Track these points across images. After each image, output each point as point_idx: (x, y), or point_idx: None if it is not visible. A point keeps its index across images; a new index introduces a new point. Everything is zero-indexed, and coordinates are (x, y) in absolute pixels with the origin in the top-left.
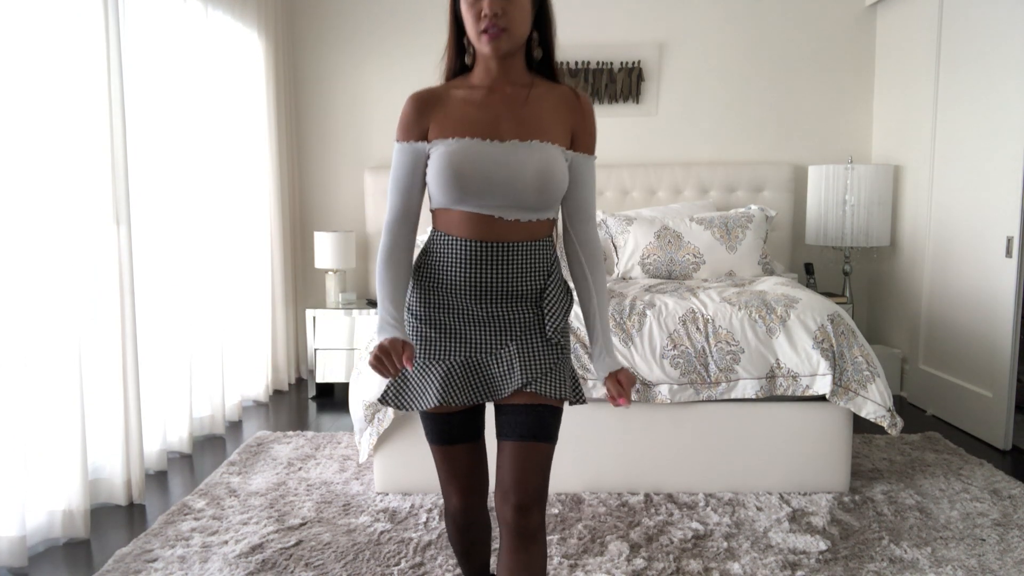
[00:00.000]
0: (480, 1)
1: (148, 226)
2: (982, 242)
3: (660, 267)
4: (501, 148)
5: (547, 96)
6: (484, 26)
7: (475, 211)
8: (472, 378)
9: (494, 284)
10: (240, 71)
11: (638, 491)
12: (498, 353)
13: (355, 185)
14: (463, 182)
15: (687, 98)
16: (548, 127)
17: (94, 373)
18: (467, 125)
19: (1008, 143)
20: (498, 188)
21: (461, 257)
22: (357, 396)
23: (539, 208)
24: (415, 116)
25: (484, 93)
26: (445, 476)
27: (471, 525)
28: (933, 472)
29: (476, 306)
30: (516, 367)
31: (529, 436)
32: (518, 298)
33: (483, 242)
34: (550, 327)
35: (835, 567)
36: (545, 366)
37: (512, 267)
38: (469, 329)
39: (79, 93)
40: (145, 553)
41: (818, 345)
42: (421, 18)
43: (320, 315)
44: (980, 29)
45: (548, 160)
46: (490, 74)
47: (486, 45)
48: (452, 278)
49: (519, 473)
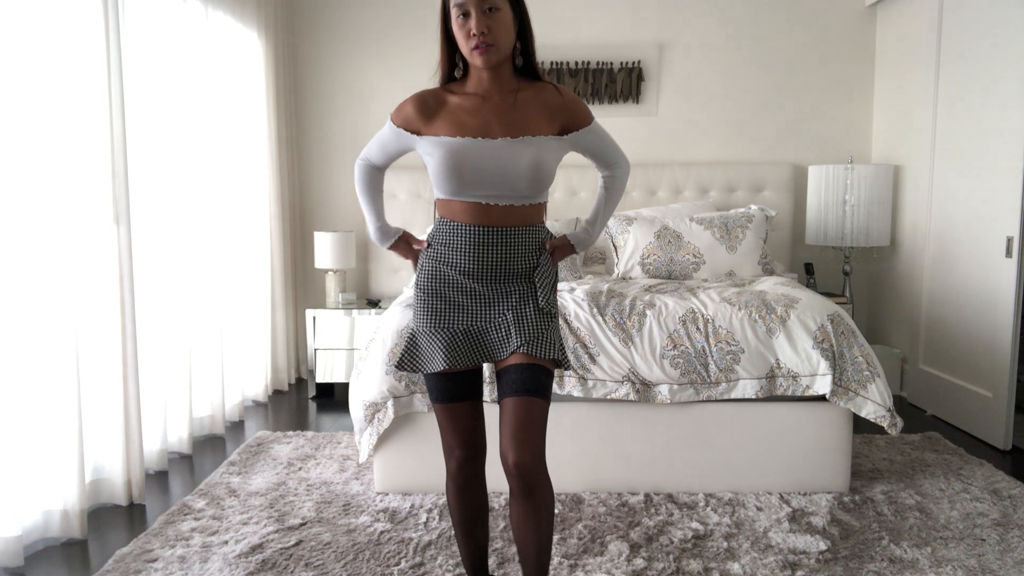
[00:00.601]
0: (468, 22)
1: (148, 226)
2: (982, 242)
3: (660, 267)
4: (492, 145)
5: (534, 97)
6: (474, 43)
7: (473, 200)
8: (473, 344)
9: (492, 263)
10: (240, 71)
11: (638, 491)
12: (496, 321)
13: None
14: (461, 175)
15: (687, 98)
16: (536, 123)
17: (94, 373)
18: (463, 127)
19: (1008, 143)
20: (491, 179)
21: (463, 240)
22: (357, 396)
23: (530, 195)
24: (414, 112)
25: (478, 101)
26: (449, 432)
27: (469, 482)
28: (933, 472)
29: (476, 282)
30: (512, 333)
31: (525, 392)
32: (513, 274)
33: (481, 226)
34: (542, 298)
35: (835, 567)
36: (537, 331)
37: (508, 248)
38: (470, 301)
39: (79, 93)
40: (145, 553)
41: (818, 345)
42: (420, 18)
43: (320, 315)
44: (980, 29)
45: (539, 151)
46: (482, 83)
47: (478, 59)
48: (455, 258)
49: (519, 426)
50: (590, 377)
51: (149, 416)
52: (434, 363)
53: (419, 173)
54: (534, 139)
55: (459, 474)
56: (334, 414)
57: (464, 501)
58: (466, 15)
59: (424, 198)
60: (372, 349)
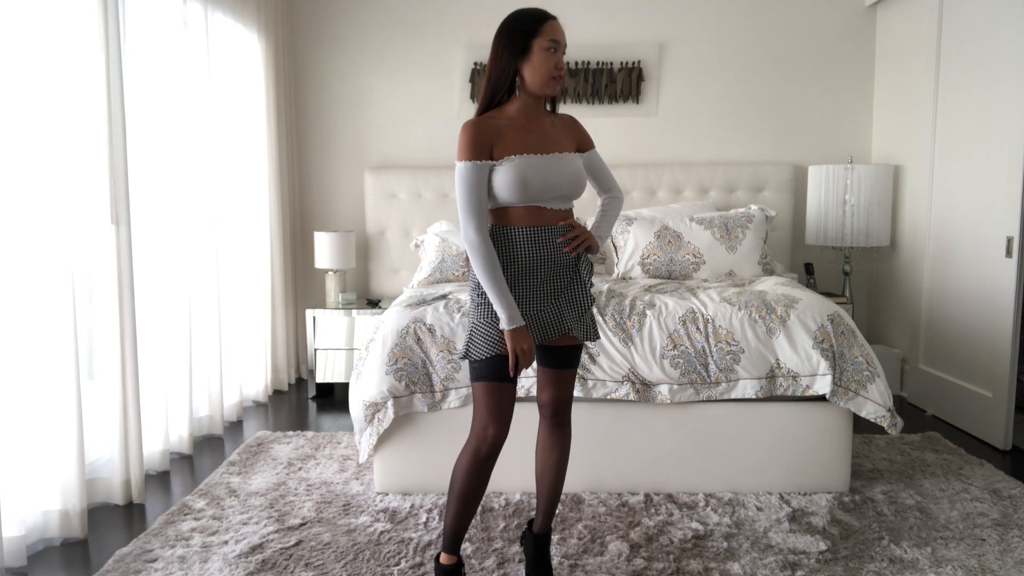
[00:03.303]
0: (556, 55)
1: (148, 226)
2: (982, 242)
3: (660, 267)
4: (548, 159)
5: (558, 122)
6: (556, 75)
7: (532, 205)
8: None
9: (549, 256)
10: (240, 71)
11: (638, 491)
12: (552, 305)
13: (355, 185)
14: (528, 186)
15: (687, 98)
16: (566, 142)
17: (94, 373)
18: (524, 145)
19: (1008, 143)
20: (550, 187)
21: (522, 240)
22: (357, 396)
23: (572, 197)
24: (483, 141)
25: (525, 121)
26: (496, 407)
27: (489, 460)
28: (933, 472)
29: (537, 274)
30: (565, 315)
31: (566, 365)
32: (563, 266)
33: (536, 227)
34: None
35: (835, 567)
36: (588, 318)
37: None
38: (528, 292)
39: (79, 93)
40: (145, 553)
41: (818, 345)
42: (421, 18)
43: (320, 315)
44: (980, 29)
45: (575, 163)
46: (527, 108)
47: (555, 88)
48: (515, 256)
49: (558, 388)
50: (590, 377)
51: (150, 417)
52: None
53: (419, 173)
54: (571, 155)
55: (486, 449)
56: (334, 414)
57: (477, 476)
58: (555, 50)
59: (425, 198)
60: (372, 349)
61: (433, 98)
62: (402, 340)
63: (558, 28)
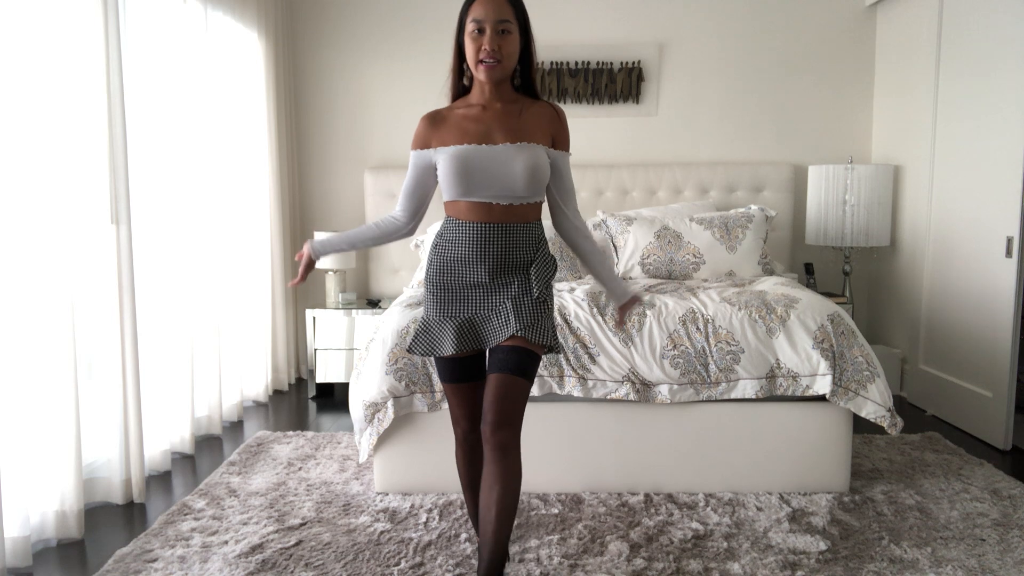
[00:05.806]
0: (481, 38)
1: (148, 226)
2: (982, 242)
3: (660, 267)
4: (494, 150)
5: (532, 110)
6: (481, 57)
7: (477, 200)
8: (477, 330)
9: (494, 256)
10: (240, 71)
11: (638, 491)
12: (497, 309)
13: (355, 185)
14: (467, 177)
15: (687, 98)
16: (534, 132)
17: (94, 373)
18: (466, 134)
19: (1008, 143)
20: (494, 180)
21: (468, 237)
22: (357, 396)
23: (528, 194)
24: (424, 130)
25: (479, 110)
26: (457, 408)
27: (475, 447)
28: (933, 472)
29: (480, 274)
30: (511, 319)
31: (507, 370)
32: (513, 267)
33: (485, 223)
34: (536, 288)
35: (835, 567)
36: (533, 318)
37: (508, 243)
38: (475, 292)
39: (79, 93)
40: (145, 553)
41: (818, 345)
42: (421, 19)
43: (320, 315)
44: (980, 29)
45: (535, 156)
46: (484, 94)
47: (483, 73)
48: (462, 253)
49: (497, 398)
50: (590, 377)
51: (152, 417)
52: (444, 348)
53: None
54: (531, 145)
55: (465, 442)
56: (334, 414)
57: (472, 462)
58: (481, 31)
59: None
60: (372, 349)
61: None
62: (402, 340)
63: (487, 5)
